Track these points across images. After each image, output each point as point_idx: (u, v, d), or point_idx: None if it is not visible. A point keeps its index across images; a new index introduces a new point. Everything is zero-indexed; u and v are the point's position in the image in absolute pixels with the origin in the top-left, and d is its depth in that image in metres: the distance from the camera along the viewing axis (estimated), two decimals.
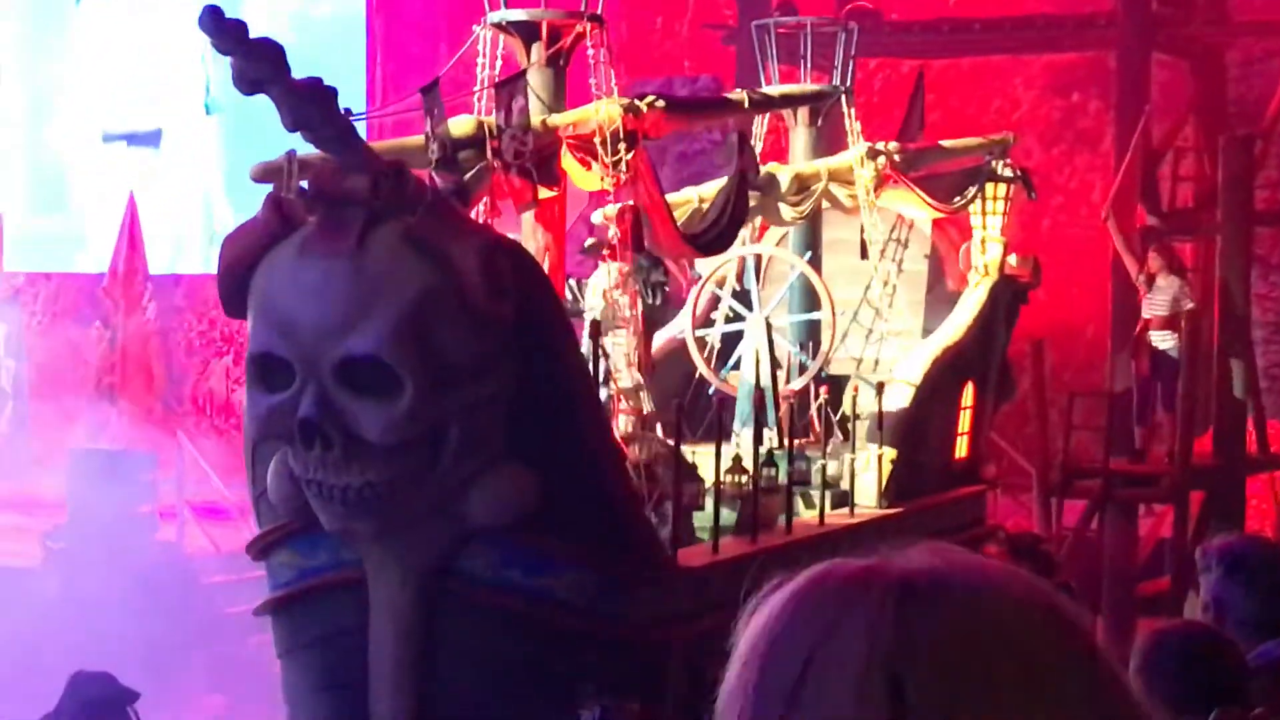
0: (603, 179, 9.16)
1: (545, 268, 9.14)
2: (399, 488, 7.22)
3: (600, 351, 9.13)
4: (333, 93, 6.98)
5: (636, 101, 9.47)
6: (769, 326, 12.66)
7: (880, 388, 12.22)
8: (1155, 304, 17.01)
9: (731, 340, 13.04)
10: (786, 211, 12.71)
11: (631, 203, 9.42)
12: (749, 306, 12.92)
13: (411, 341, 7.03)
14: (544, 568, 7.78)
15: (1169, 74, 20.33)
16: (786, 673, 1.55)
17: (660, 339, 13.50)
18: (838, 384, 12.75)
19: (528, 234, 9.29)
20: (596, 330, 8.90)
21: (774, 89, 12.55)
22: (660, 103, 9.53)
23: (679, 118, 10.12)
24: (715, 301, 13.48)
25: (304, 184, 7.56)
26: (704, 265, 13.23)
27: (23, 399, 18.45)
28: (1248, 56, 21.04)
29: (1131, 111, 18.71)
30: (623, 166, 9.15)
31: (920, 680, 1.50)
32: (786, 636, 1.57)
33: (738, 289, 13.47)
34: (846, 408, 12.73)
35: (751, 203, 12.28)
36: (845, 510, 11.67)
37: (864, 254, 13.41)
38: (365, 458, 7.11)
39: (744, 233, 13.22)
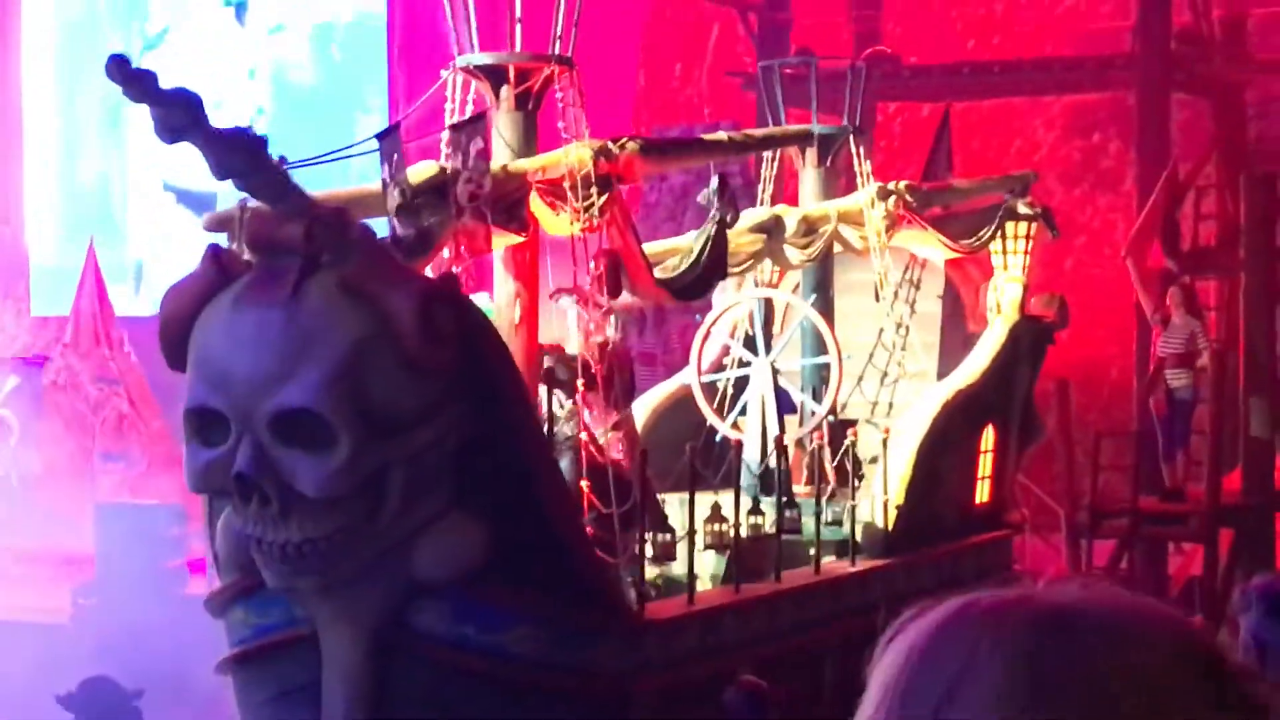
0: (571, 223, 8.61)
1: (516, 315, 8.49)
2: (339, 543, 6.85)
3: (553, 399, 8.44)
4: (260, 140, 6.45)
5: (609, 144, 8.89)
6: (775, 372, 11.98)
7: (886, 432, 11.40)
8: (1170, 343, 16.33)
9: (745, 386, 12.36)
10: (794, 254, 12.07)
11: (607, 247, 8.71)
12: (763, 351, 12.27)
13: (345, 392, 6.51)
14: (497, 622, 7.37)
15: (1189, 113, 19.55)
16: (925, 704, 1.54)
17: (672, 386, 12.86)
18: (842, 428, 11.96)
19: (499, 281, 8.65)
20: (550, 378, 8.21)
21: (758, 130, 11.86)
22: (632, 145, 8.86)
23: (654, 161, 9.49)
24: (729, 347, 12.75)
25: None
26: (722, 306, 12.59)
27: (30, 450, 17.83)
28: (1267, 94, 20.26)
29: (1152, 151, 17.94)
30: (594, 211, 8.57)
31: (1056, 714, 1.49)
32: (925, 668, 1.56)
33: (750, 333, 12.71)
34: (861, 453, 11.95)
35: (758, 245, 11.73)
36: (847, 560, 10.93)
37: (877, 296, 12.74)
38: (303, 513, 6.74)
39: (753, 276, 12.57)
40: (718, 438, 11.86)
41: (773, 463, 10.84)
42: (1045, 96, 21.04)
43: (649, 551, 8.88)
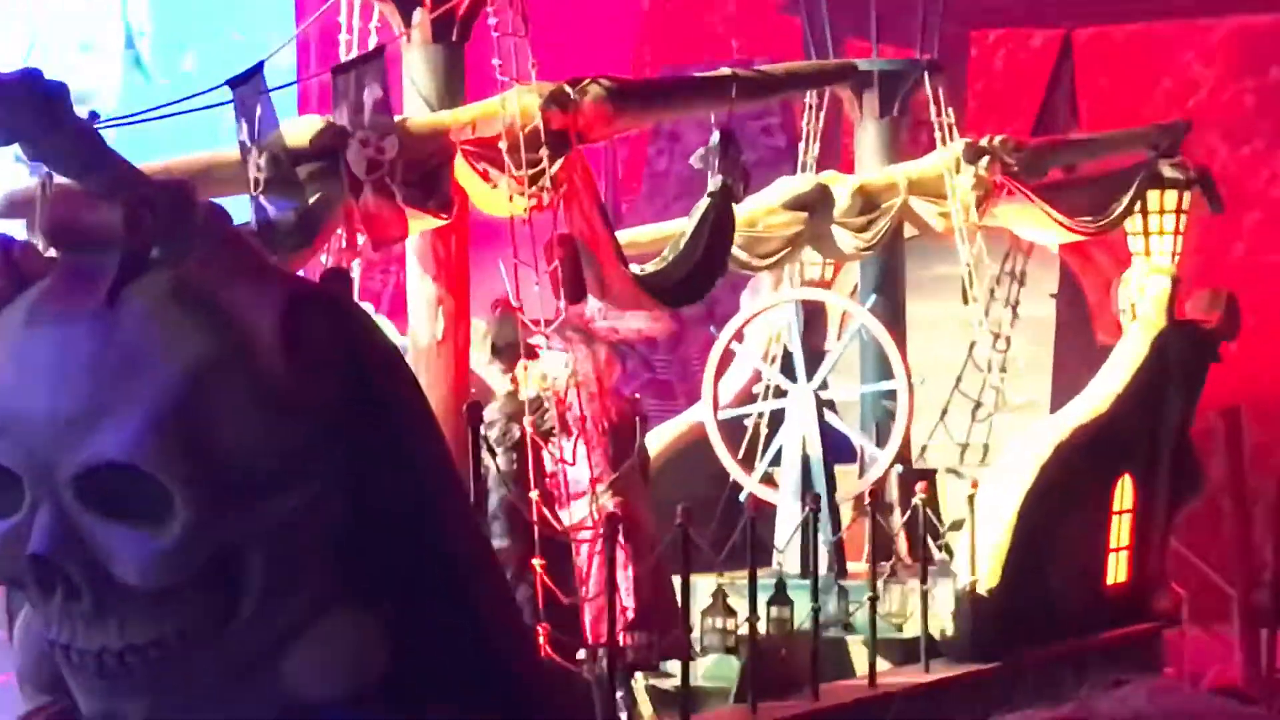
0: (512, 197, 8.48)
1: (439, 326, 8.50)
2: (176, 651, 6.49)
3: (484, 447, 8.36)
4: (55, 89, 6.29)
5: (565, 88, 8.79)
6: (821, 404, 11.95)
7: (974, 486, 11.41)
8: None
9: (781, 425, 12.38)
10: (846, 240, 12.08)
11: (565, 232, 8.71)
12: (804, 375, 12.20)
13: (178, 440, 6.34)
14: None
15: None
16: None
17: (683, 424, 12.93)
18: (915, 481, 11.93)
19: (412, 281, 8.61)
20: (476, 415, 8.07)
21: (780, 66, 11.84)
22: (596, 88, 8.81)
23: (631, 110, 9.42)
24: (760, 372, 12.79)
25: None
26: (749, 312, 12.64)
27: None
28: None
29: None
30: (544, 181, 8.45)
31: None
32: None
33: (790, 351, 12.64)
34: (945, 515, 11.89)
35: (797, 228, 11.74)
36: (919, 666, 10.86)
37: (966, 297, 12.83)
38: (126, 609, 6.40)
39: (789, 271, 12.59)
40: (742, 496, 11.82)
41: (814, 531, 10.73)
42: (1202, 18, 20.94)
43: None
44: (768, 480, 12.09)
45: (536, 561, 8.19)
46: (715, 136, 9.92)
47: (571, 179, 8.71)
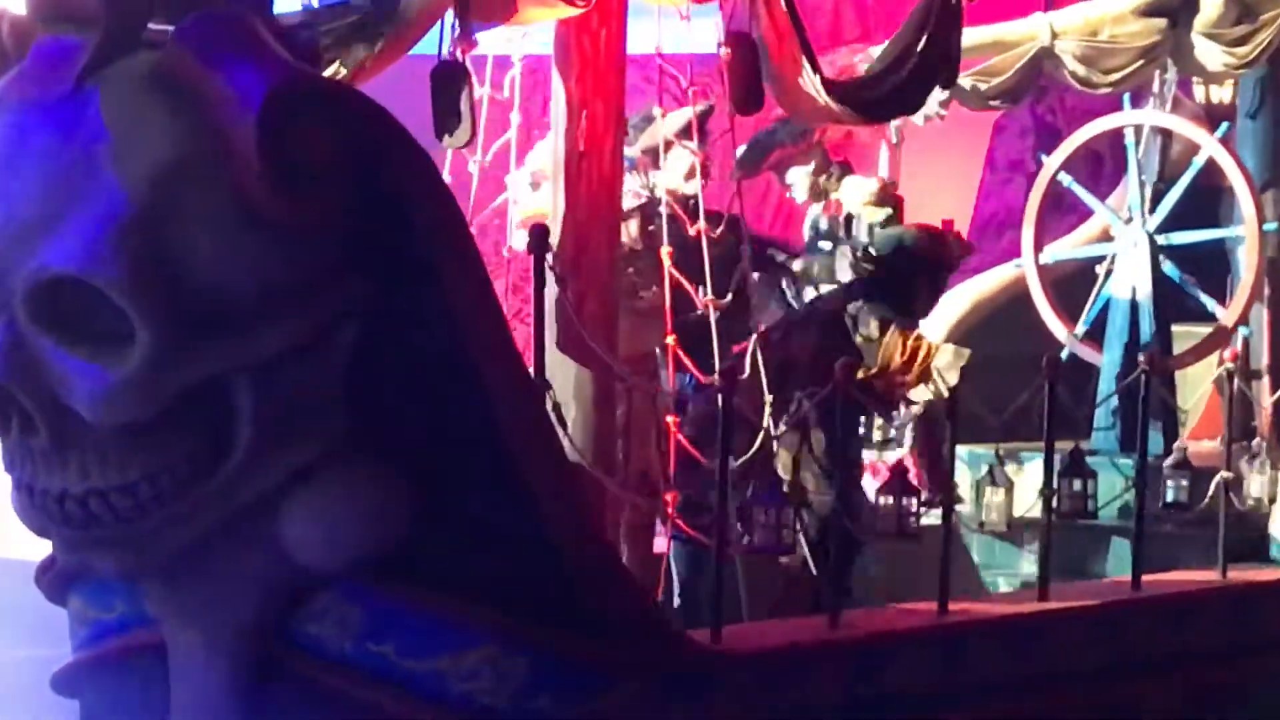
0: None
1: (579, 141, 8.10)
2: (148, 499, 6.43)
3: None
4: None
5: None
6: (1157, 249, 11.64)
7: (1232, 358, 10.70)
8: None
9: None
10: (1213, 55, 11.68)
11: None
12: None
13: (136, 254, 6.08)
14: (435, 641, 6.95)
15: None
16: None
17: (1007, 273, 12.81)
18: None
19: (555, 79, 8.09)
20: (543, 241, 7.54)
21: None
22: None
23: None
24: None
25: None
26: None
27: None
28: None
29: None
30: None
31: None
32: None
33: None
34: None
35: (1153, 38, 11.55)
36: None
37: None
38: (87, 449, 6.36)
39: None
40: (1064, 354, 11.56)
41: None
42: None
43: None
44: (1089, 342, 11.79)
45: None
46: None
47: None
